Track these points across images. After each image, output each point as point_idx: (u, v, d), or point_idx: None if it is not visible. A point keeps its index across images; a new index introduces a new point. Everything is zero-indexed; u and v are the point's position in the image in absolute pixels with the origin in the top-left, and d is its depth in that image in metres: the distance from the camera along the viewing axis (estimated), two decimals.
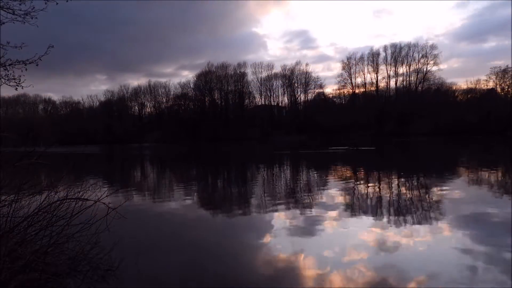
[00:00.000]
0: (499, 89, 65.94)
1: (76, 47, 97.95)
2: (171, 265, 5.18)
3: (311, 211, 8.30)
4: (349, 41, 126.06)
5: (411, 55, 72.96)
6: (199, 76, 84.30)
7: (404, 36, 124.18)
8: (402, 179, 13.75)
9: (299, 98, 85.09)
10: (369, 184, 12.54)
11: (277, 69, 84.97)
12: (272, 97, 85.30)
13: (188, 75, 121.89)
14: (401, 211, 8.27)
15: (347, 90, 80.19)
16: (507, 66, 63.78)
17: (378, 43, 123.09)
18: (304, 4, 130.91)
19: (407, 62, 73.34)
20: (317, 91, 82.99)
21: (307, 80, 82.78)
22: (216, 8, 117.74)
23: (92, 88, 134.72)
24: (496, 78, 65.33)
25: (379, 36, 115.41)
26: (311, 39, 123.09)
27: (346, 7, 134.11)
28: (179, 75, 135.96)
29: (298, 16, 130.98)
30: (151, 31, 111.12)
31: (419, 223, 7.14)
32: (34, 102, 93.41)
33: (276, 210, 8.56)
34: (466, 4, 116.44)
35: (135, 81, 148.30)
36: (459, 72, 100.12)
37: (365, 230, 6.72)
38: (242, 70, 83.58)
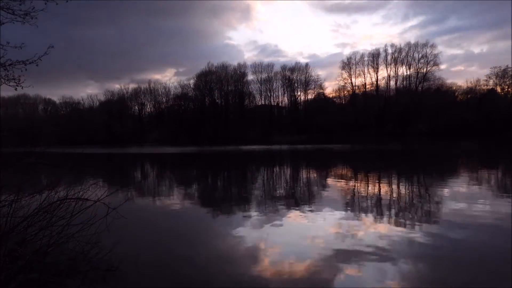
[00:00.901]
0: (499, 89, 66.00)
1: (67, 61, 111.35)
2: (171, 265, 5.18)
3: None
4: (315, 50, 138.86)
5: (411, 55, 73.11)
6: (199, 76, 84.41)
7: (367, 45, 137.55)
8: None
9: (299, 98, 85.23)
10: None
11: (277, 69, 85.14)
12: (272, 97, 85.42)
13: (171, 82, 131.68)
14: None
15: (347, 90, 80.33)
16: (507, 66, 63.90)
17: (345, 51, 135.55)
18: (268, 21, 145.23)
19: (407, 62, 73.47)
20: (317, 91, 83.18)
21: (307, 80, 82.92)
22: (186, 26, 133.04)
23: (88, 91, 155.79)
24: (496, 78, 65.39)
25: (345, 44, 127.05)
26: (280, 50, 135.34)
27: (307, 23, 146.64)
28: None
29: (264, 30, 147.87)
30: (131, 47, 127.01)
31: None
32: (34, 102, 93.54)
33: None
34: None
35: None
36: None
37: None
38: (242, 70, 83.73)
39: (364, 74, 78.08)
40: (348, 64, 78.32)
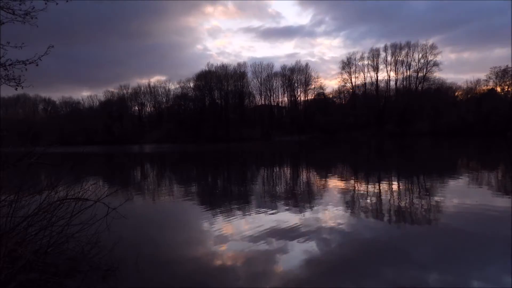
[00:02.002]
0: (499, 89, 66.02)
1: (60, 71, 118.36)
2: (171, 265, 5.18)
3: None
4: (287, 58, 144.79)
5: (411, 55, 73.13)
6: (199, 76, 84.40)
7: (333, 53, 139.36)
8: None
9: (299, 98, 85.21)
10: None
11: (277, 69, 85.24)
12: (272, 97, 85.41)
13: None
14: None
15: (347, 90, 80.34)
16: (507, 66, 63.91)
17: (314, 59, 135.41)
18: (235, 35, 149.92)
19: (407, 62, 73.49)
20: (317, 91, 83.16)
21: (307, 80, 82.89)
22: (161, 42, 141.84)
23: (84, 93, 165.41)
24: (496, 78, 65.41)
25: (313, 54, 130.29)
26: (254, 58, 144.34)
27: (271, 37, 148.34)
28: None
29: (234, 42, 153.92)
30: (118, 59, 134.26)
31: None
32: (34, 102, 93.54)
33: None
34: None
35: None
36: None
37: None
38: (242, 70, 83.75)
39: (364, 74, 78.15)
40: (348, 64, 78.36)
